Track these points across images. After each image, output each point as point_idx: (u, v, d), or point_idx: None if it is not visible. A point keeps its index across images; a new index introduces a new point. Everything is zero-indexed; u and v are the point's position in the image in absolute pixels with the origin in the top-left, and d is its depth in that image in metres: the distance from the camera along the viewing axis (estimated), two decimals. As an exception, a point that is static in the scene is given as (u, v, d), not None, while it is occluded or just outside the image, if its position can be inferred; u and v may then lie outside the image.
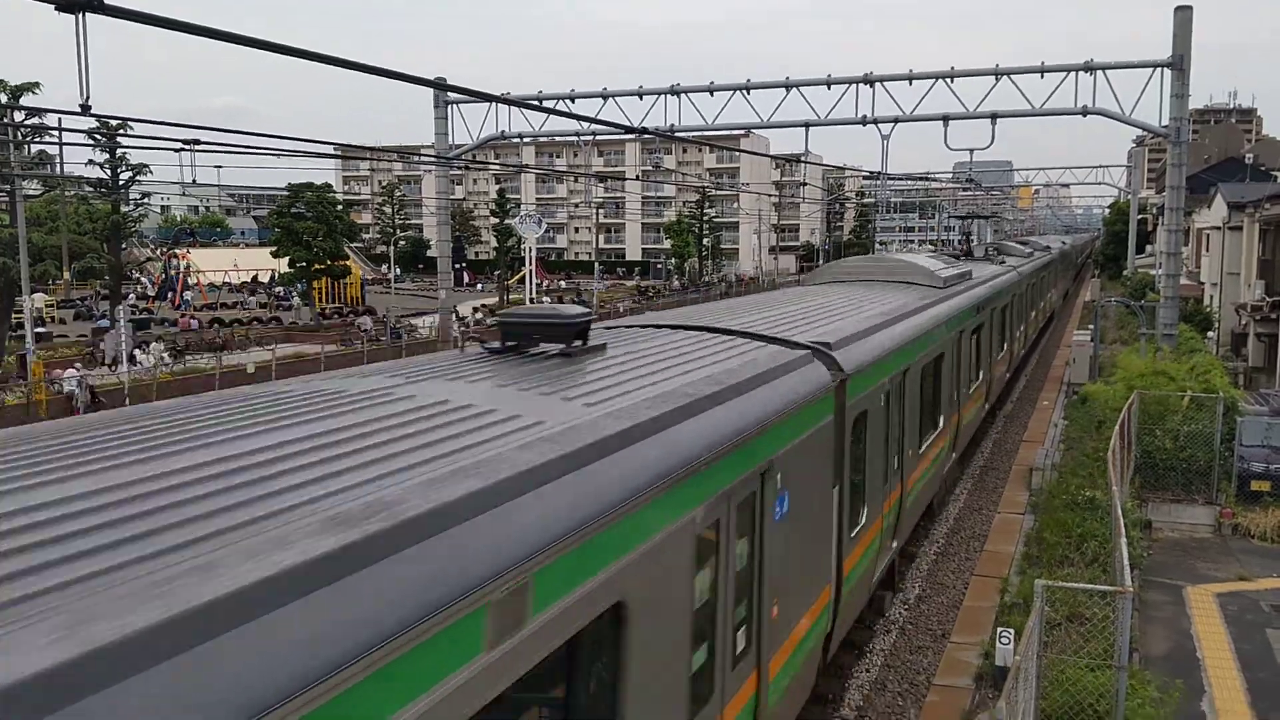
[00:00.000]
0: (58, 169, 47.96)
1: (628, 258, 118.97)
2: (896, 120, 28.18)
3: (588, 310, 8.28)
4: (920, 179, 65.16)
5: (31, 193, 48.15)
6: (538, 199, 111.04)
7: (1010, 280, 26.34)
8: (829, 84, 28.03)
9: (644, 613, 5.13)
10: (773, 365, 8.20)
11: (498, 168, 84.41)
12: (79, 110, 8.32)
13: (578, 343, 7.33)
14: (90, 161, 52.62)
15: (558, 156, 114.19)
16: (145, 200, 58.17)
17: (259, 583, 2.98)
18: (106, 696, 2.47)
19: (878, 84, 27.55)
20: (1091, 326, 32.21)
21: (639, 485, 5.10)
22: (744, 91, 29.06)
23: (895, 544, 12.97)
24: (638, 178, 63.04)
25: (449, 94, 31.05)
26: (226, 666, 2.73)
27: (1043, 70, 26.15)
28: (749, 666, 7.09)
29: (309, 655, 2.93)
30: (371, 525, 3.50)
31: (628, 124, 25.20)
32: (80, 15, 6.41)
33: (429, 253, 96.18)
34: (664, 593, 5.42)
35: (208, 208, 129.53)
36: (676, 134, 29.52)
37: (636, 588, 5.02)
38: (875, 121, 28.07)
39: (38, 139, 43.84)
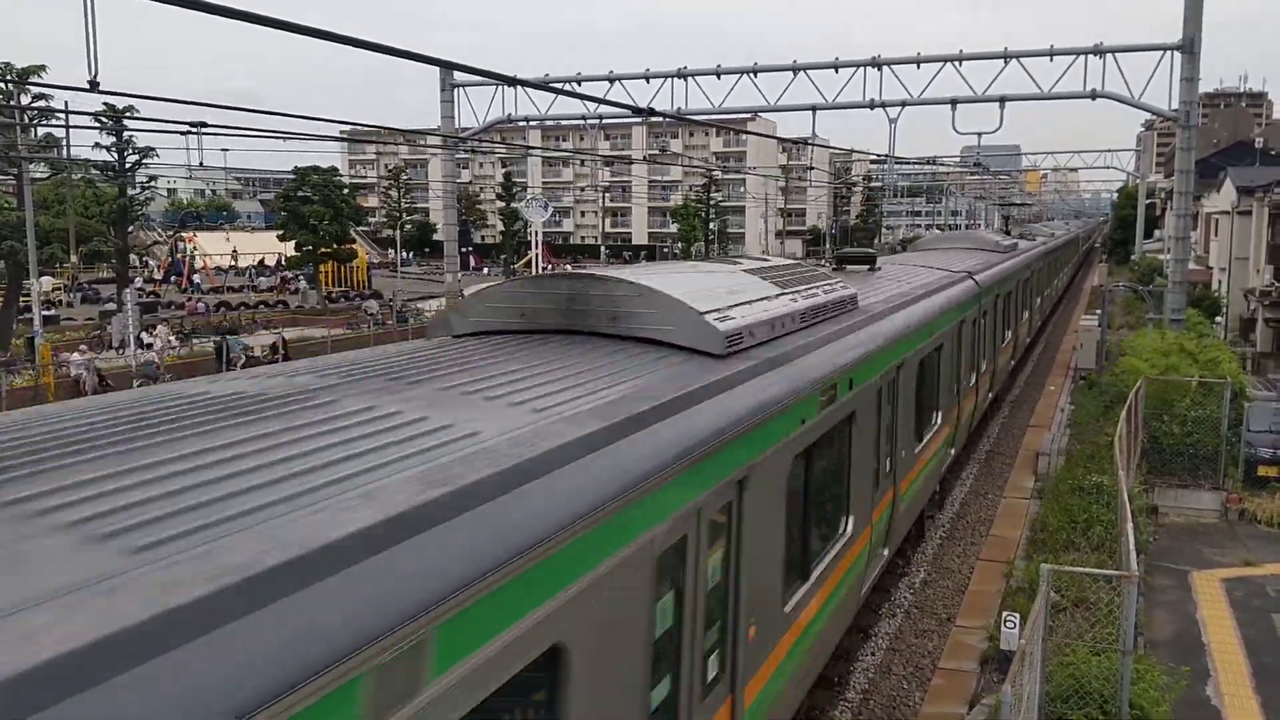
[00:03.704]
0: (65, 152, 47.95)
1: (634, 242, 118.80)
2: (904, 104, 28.00)
3: (875, 251, 19.94)
4: (928, 163, 64.86)
5: (39, 176, 48.18)
6: (544, 183, 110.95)
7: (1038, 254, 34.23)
8: (836, 67, 27.85)
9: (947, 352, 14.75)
10: (955, 278, 17.35)
11: (504, 151, 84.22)
12: (87, 87, 8.29)
13: (872, 266, 16.47)
14: (97, 144, 52.63)
15: (564, 140, 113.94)
16: (152, 184, 58.14)
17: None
18: None
19: (885, 67, 27.37)
20: (1099, 311, 32.10)
21: (922, 321, 12.62)
22: (751, 75, 28.88)
23: (991, 394, 22.11)
24: (644, 161, 62.83)
25: (456, 76, 30.96)
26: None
27: (1051, 53, 25.96)
28: (956, 400, 16.04)
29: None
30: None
31: (635, 106, 25.08)
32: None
33: (435, 236, 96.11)
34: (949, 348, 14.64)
35: (214, 191, 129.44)
36: (683, 117, 29.39)
37: (949, 337, 14.83)
38: (883, 105, 27.87)
39: (44, 122, 43.82)
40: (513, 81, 13.55)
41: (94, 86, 8.10)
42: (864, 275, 15.36)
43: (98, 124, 47.72)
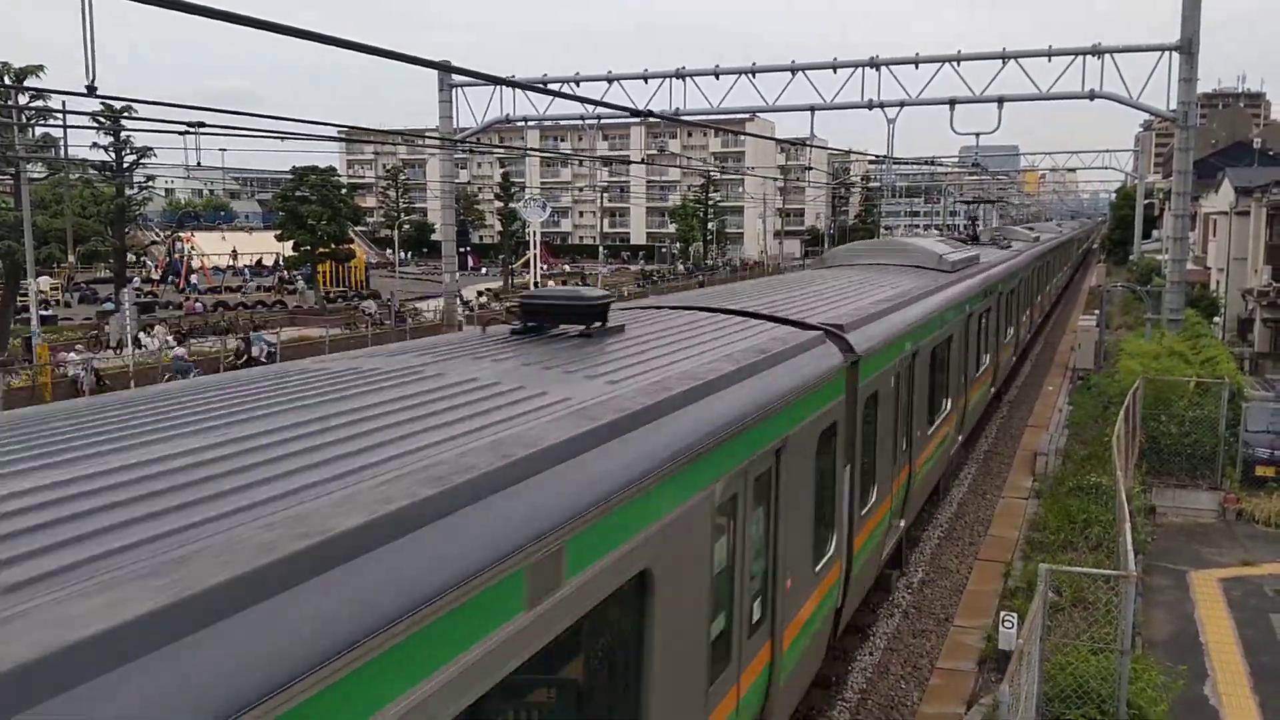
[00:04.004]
0: (62, 152, 47.91)
1: (632, 242, 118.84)
2: (902, 104, 28.03)
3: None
4: (926, 163, 64.96)
5: (36, 176, 48.13)
6: (542, 183, 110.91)
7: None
8: (835, 68, 27.87)
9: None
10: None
11: (502, 151, 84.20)
12: (85, 91, 8.28)
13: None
14: (94, 144, 52.57)
15: (562, 140, 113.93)
16: (150, 184, 58.11)
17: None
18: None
19: (883, 68, 27.39)
20: (1097, 312, 32.14)
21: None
22: (749, 75, 28.89)
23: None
24: (642, 161, 62.75)
25: (454, 76, 30.96)
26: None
27: (1050, 54, 25.98)
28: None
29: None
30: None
31: (633, 107, 25.12)
32: (84, -4, 6.39)
33: (433, 236, 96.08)
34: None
35: (212, 191, 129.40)
36: (682, 117, 29.40)
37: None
38: (881, 105, 27.89)
39: (42, 122, 43.77)
40: (510, 83, 13.56)
41: (91, 91, 8.10)
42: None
43: (95, 124, 47.70)
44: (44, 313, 42.98)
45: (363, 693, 3.14)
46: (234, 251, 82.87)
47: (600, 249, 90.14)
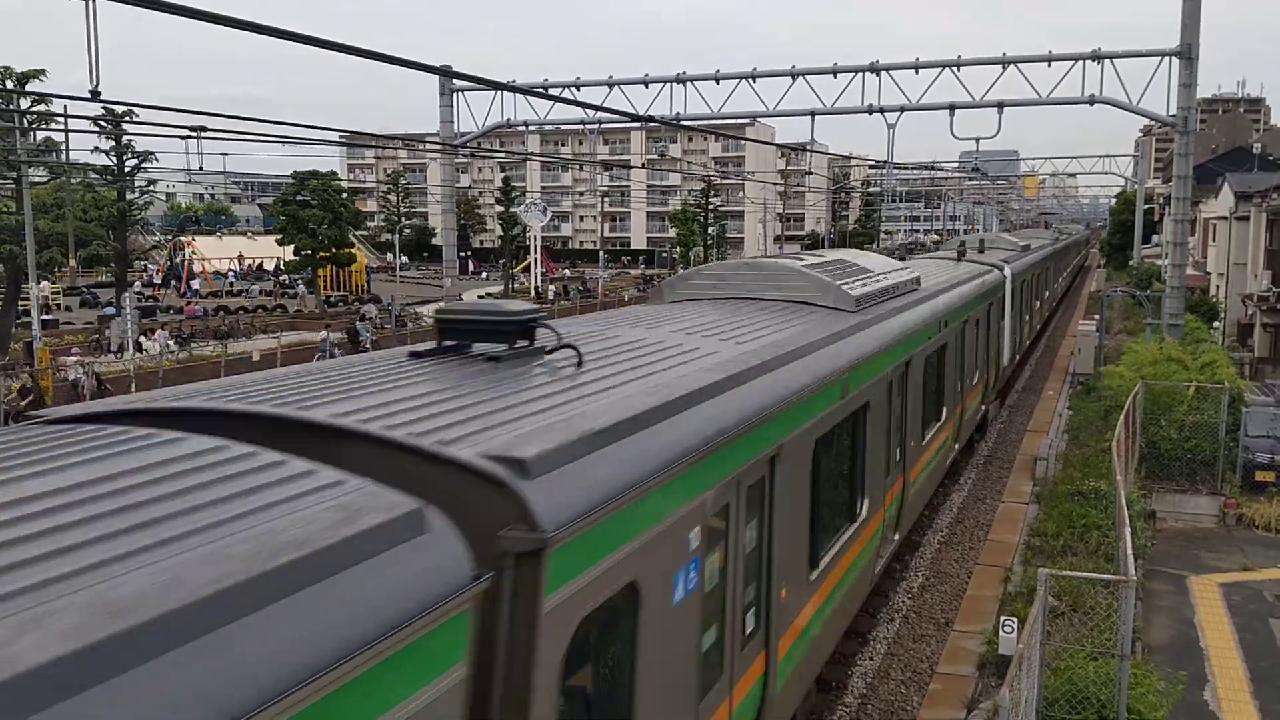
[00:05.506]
0: (64, 156, 47.93)
1: (633, 246, 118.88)
2: (902, 109, 28.02)
3: (906, 264, 19.94)
4: (926, 168, 64.99)
5: (38, 180, 48.18)
6: (543, 187, 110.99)
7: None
8: (835, 73, 27.88)
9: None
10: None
11: (503, 156, 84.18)
12: (88, 95, 8.30)
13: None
14: (96, 149, 52.62)
15: (563, 145, 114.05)
16: (151, 188, 58.15)
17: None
18: None
19: (884, 73, 27.40)
20: (1097, 317, 32.16)
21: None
22: (750, 80, 28.90)
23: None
24: (643, 165, 62.81)
25: (455, 81, 31.00)
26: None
27: (1050, 59, 26.00)
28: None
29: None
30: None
31: (633, 112, 25.18)
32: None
33: (434, 241, 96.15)
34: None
35: (213, 195, 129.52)
36: (682, 122, 29.42)
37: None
38: (881, 110, 27.91)
39: (44, 126, 43.83)
40: (510, 88, 13.61)
41: (95, 96, 8.13)
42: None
43: (97, 128, 47.76)
44: (45, 317, 42.96)
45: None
46: (240, 255, 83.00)
47: (600, 253, 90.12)
